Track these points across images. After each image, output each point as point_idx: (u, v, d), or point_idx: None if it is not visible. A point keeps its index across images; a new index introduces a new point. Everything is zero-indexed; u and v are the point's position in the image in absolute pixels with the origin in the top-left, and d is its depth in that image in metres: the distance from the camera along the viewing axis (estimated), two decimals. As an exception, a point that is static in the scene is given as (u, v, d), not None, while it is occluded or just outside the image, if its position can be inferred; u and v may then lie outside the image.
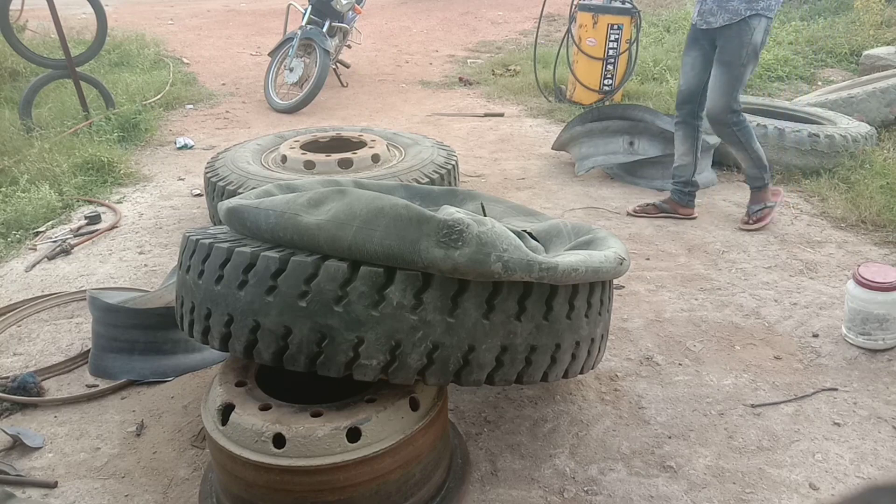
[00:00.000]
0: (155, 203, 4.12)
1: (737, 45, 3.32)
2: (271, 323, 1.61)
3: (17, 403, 2.33)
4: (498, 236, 1.57)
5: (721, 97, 3.42)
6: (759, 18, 3.28)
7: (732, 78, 3.37)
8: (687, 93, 3.64)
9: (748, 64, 3.37)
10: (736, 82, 3.38)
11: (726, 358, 2.57)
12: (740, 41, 3.32)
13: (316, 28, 6.30)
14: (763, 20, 3.29)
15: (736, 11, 3.29)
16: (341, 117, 5.99)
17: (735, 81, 3.38)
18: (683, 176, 3.79)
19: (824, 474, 2.01)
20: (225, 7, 11.03)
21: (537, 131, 5.54)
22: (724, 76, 3.39)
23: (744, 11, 3.28)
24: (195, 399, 2.35)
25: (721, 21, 3.34)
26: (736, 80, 3.38)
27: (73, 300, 2.98)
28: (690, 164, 3.77)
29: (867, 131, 4.43)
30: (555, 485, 1.97)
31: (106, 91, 5.40)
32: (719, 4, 3.33)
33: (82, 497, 1.96)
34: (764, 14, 3.28)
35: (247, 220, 1.79)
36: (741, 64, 3.35)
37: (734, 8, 3.29)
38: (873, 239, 3.52)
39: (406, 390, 1.73)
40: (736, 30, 3.32)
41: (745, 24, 3.29)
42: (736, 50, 3.33)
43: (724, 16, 3.33)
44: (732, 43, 3.33)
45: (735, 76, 3.37)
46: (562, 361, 1.84)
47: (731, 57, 3.35)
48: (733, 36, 3.33)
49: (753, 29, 3.30)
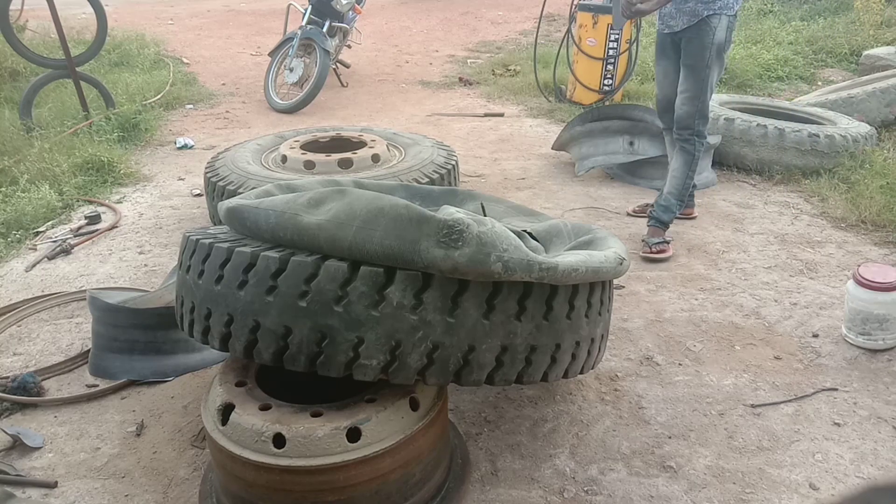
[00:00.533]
0: (155, 203, 4.12)
1: (699, 47, 3.22)
2: (271, 323, 1.61)
3: (17, 403, 2.33)
4: (498, 236, 1.57)
5: (689, 101, 3.31)
6: (720, 17, 3.18)
7: (699, 81, 3.27)
8: (665, 102, 3.55)
9: (713, 66, 3.26)
10: (703, 84, 3.28)
11: (726, 358, 2.57)
12: (702, 43, 3.22)
13: (316, 28, 6.30)
14: (724, 18, 3.19)
15: (694, 12, 3.19)
16: (341, 117, 5.99)
17: (702, 84, 3.27)
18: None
19: (824, 474, 2.01)
20: (225, 7, 11.03)
21: (537, 131, 5.54)
22: (690, 79, 3.29)
23: (702, 11, 3.18)
24: (195, 399, 2.35)
25: (682, 24, 3.25)
26: (703, 82, 3.27)
27: (73, 300, 2.98)
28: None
29: (867, 131, 4.43)
30: (555, 485, 1.97)
31: (106, 91, 5.40)
32: (677, 7, 3.23)
33: (82, 497, 1.96)
34: (723, 13, 3.18)
35: (247, 220, 1.79)
36: (706, 66, 3.24)
37: (691, 9, 3.20)
38: (873, 239, 3.52)
39: (406, 390, 1.73)
40: (696, 31, 3.22)
41: (705, 24, 3.19)
42: (699, 52, 3.23)
43: (684, 18, 3.23)
44: (694, 45, 3.24)
45: (701, 79, 3.26)
46: (562, 361, 1.84)
47: (695, 60, 3.25)
48: (694, 38, 3.24)
49: (714, 28, 3.19)
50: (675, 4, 3.23)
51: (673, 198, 3.46)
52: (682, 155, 3.46)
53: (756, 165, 4.37)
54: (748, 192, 4.18)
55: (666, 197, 3.48)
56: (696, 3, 3.18)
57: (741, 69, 6.50)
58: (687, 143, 3.41)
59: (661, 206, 3.47)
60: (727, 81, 6.39)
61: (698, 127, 3.36)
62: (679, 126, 3.40)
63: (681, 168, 3.47)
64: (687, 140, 3.40)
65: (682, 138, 3.43)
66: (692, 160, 3.43)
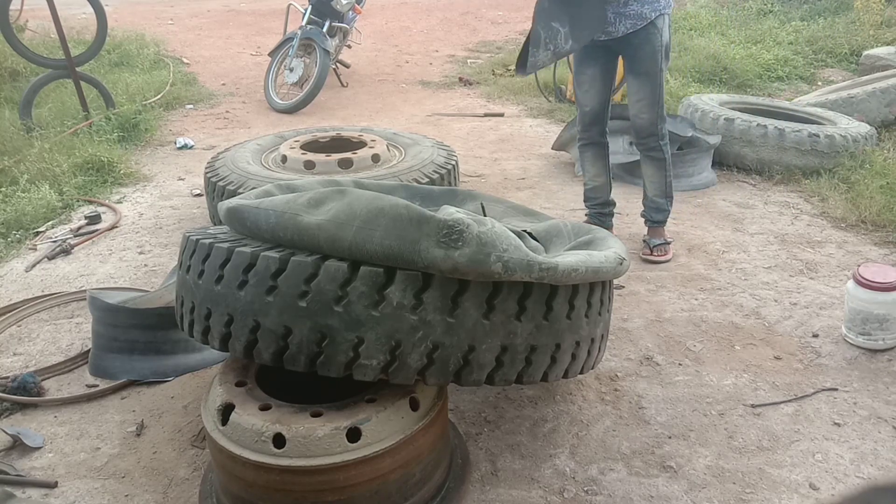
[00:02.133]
0: (155, 203, 4.12)
1: (650, 52, 3.04)
2: (271, 323, 1.61)
3: (17, 403, 2.33)
4: (498, 236, 1.57)
5: (648, 108, 3.14)
6: (664, 17, 3.02)
7: (655, 86, 3.10)
8: (592, 114, 3.34)
9: (664, 67, 3.11)
10: (659, 89, 3.12)
11: (726, 358, 2.57)
12: (652, 47, 3.03)
13: (316, 28, 6.30)
14: (666, 18, 3.04)
15: (640, 16, 2.98)
16: (341, 117, 5.99)
17: (658, 89, 3.12)
18: (600, 197, 3.55)
19: (824, 474, 2.01)
20: (225, 7, 11.03)
21: (537, 131, 5.54)
22: (646, 87, 3.11)
23: (649, 14, 2.98)
24: (195, 399, 2.35)
25: (624, 29, 3.01)
26: (659, 87, 3.11)
27: (73, 300, 2.98)
28: (605, 183, 3.53)
29: (867, 131, 4.43)
30: (555, 485, 1.97)
31: (106, 91, 5.40)
32: (616, 11, 2.98)
33: (82, 497, 1.96)
34: (666, 12, 3.03)
35: (247, 220, 1.79)
36: (659, 69, 3.08)
37: (636, 12, 2.98)
38: (873, 239, 3.52)
39: (406, 390, 1.73)
40: (644, 36, 3.02)
41: (652, 27, 3.01)
42: (650, 57, 3.04)
43: (627, 23, 3.00)
44: (644, 51, 3.04)
45: (657, 83, 3.10)
46: (562, 361, 1.84)
47: (648, 66, 3.07)
48: (642, 43, 3.03)
49: (661, 30, 3.02)
50: (612, 8, 2.99)
51: (659, 198, 3.39)
52: (652, 162, 3.32)
53: (756, 165, 4.37)
54: (748, 192, 4.18)
55: (652, 199, 3.41)
56: (641, 6, 2.98)
57: (741, 69, 6.50)
58: (654, 150, 3.27)
59: (652, 208, 3.42)
60: (727, 81, 6.39)
61: (662, 131, 3.22)
62: (642, 136, 3.25)
63: (657, 173, 3.34)
64: (653, 148, 3.26)
65: (647, 147, 3.28)
66: (664, 163, 3.29)
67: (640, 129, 3.23)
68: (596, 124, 3.39)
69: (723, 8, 8.68)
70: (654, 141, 3.24)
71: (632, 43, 3.06)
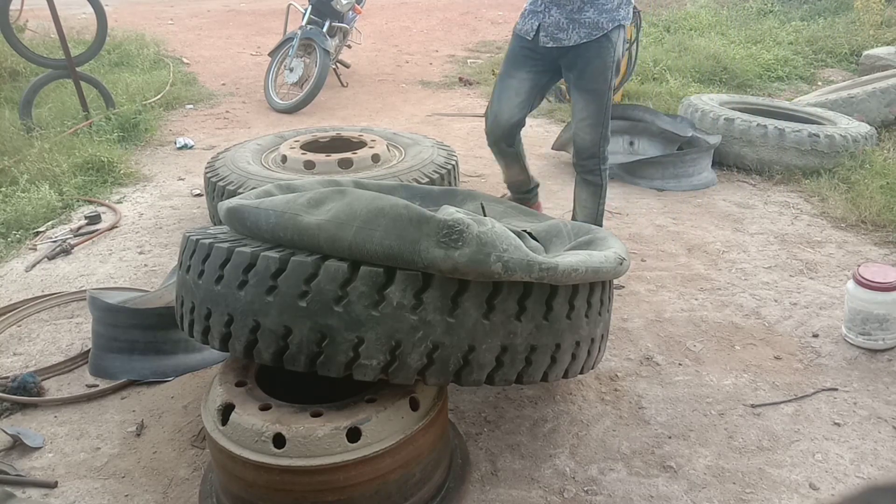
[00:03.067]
0: (155, 203, 4.12)
1: (601, 67, 2.75)
2: (271, 323, 1.61)
3: (17, 403, 2.33)
4: (498, 236, 1.57)
5: (592, 128, 2.87)
6: (620, 30, 2.76)
7: (603, 106, 2.82)
8: (507, 125, 3.00)
9: (613, 84, 2.84)
10: (606, 108, 2.84)
11: (726, 358, 2.57)
12: (604, 62, 2.75)
13: (316, 28, 6.30)
14: (622, 30, 2.78)
15: (596, 25, 2.70)
16: (341, 117, 5.98)
17: (605, 108, 2.83)
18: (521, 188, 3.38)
19: (824, 474, 2.01)
20: (225, 7, 11.02)
21: (537, 131, 5.54)
22: (593, 105, 2.82)
23: (605, 24, 2.70)
24: (195, 399, 2.35)
25: (577, 38, 2.72)
26: (606, 106, 2.83)
27: (73, 300, 2.98)
28: (525, 180, 3.35)
29: (867, 131, 4.43)
30: (555, 485, 1.97)
31: (106, 91, 5.40)
32: (570, 17, 2.70)
33: (82, 497, 1.96)
34: (624, 23, 2.78)
35: (247, 220, 1.79)
36: (608, 87, 2.80)
37: (593, 21, 2.69)
38: (873, 239, 3.52)
39: (406, 390, 1.73)
40: (596, 48, 2.73)
41: (606, 39, 2.72)
42: (601, 73, 2.76)
43: (581, 31, 2.71)
44: (595, 65, 2.75)
45: (604, 102, 2.82)
46: (562, 361, 1.84)
47: (598, 83, 2.78)
48: (594, 56, 2.74)
49: (615, 44, 2.75)
50: (565, 13, 2.70)
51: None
52: (587, 187, 3.03)
53: (756, 165, 4.37)
54: (748, 192, 4.18)
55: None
56: (598, 14, 2.70)
57: (741, 69, 6.50)
58: (591, 174, 2.99)
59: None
60: (727, 81, 6.40)
61: (604, 153, 2.94)
62: (583, 157, 2.96)
63: (590, 199, 3.05)
64: (591, 171, 2.99)
65: (586, 169, 2.99)
66: (600, 190, 3.02)
67: (581, 149, 2.95)
68: (508, 136, 3.07)
69: (723, 8, 8.68)
70: (595, 163, 2.97)
71: (582, 55, 2.77)
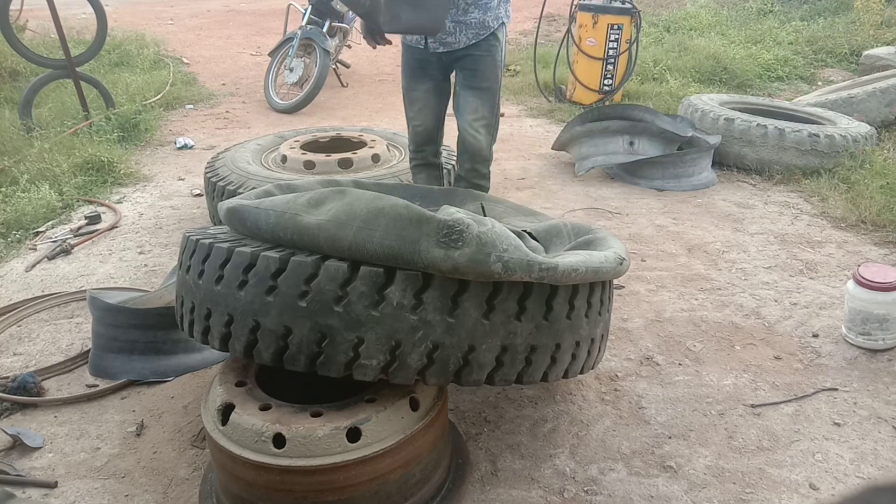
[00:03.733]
0: (155, 203, 4.12)
1: (491, 66, 2.77)
2: (271, 323, 1.61)
3: (17, 403, 2.33)
4: (498, 236, 1.57)
5: (486, 129, 2.84)
6: (504, 28, 2.79)
7: (494, 104, 2.82)
8: (426, 134, 3.03)
9: (502, 82, 2.85)
10: (497, 108, 2.84)
11: (726, 358, 2.57)
12: (493, 60, 2.77)
13: (316, 28, 6.30)
14: (504, 29, 2.80)
15: (482, 24, 2.70)
16: (341, 117, 5.99)
17: (496, 107, 2.84)
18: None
19: (824, 474, 2.01)
20: (225, 7, 11.02)
21: (537, 131, 5.54)
22: (487, 104, 2.81)
23: (491, 23, 2.71)
24: (195, 399, 2.35)
25: (465, 40, 2.72)
26: (497, 105, 2.84)
27: (73, 300, 2.98)
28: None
29: (867, 131, 4.43)
30: (555, 485, 1.97)
31: (106, 91, 5.40)
32: (455, 20, 2.68)
33: (82, 497, 1.96)
34: (506, 21, 2.80)
35: (247, 220, 1.79)
36: (499, 86, 2.82)
37: (478, 21, 2.69)
38: (873, 239, 3.52)
39: (406, 390, 1.73)
40: (485, 47, 2.74)
41: (493, 38, 2.74)
42: (491, 71, 2.77)
43: (469, 33, 2.71)
44: (485, 63, 2.76)
45: (496, 102, 2.82)
46: (562, 361, 1.84)
47: (489, 81, 2.79)
48: (483, 55, 2.75)
49: (501, 41, 2.78)
50: (451, 17, 2.67)
51: None
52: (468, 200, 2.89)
53: (756, 165, 4.38)
54: (748, 192, 4.18)
55: None
56: (483, 13, 2.69)
57: (741, 69, 6.50)
58: (483, 179, 2.96)
59: None
60: (727, 81, 6.40)
61: (491, 157, 2.92)
62: (476, 160, 2.89)
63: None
64: (483, 176, 2.95)
65: (477, 174, 2.93)
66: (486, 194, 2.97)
67: (475, 152, 2.88)
68: (429, 144, 3.09)
69: (723, 8, 8.68)
70: (486, 167, 2.93)
71: (472, 55, 2.77)
